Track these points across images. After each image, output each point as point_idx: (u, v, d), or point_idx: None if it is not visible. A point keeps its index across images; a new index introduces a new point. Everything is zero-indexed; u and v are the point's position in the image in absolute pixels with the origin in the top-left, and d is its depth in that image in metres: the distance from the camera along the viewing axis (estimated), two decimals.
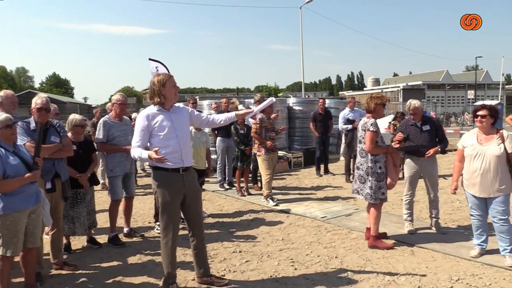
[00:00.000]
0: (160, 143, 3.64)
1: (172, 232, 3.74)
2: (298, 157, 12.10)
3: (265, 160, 7.34)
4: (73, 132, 5.07)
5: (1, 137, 3.59)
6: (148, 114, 3.70)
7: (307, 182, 9.75)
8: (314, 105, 13.86)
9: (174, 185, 3.71)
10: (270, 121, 7.55)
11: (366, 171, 5.03)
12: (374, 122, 5.00)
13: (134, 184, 5.95)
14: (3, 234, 3.56)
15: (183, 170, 3.74)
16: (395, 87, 58.65)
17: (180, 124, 3.77)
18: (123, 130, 5.50)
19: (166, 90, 3.70)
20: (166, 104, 3.74)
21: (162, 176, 3.71)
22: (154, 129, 3.67)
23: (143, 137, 3.68)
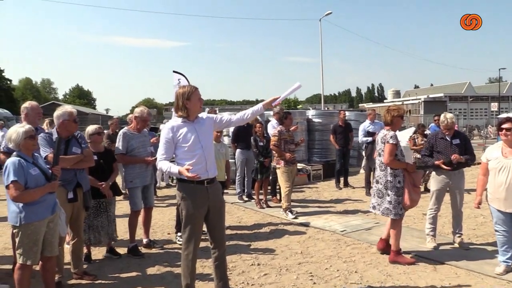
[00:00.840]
0: (185, 154, 3.65)
1: (193, 244, 3.73)
2: (317, 170, 12.03)
3: (284, 173, 7.32)
4: (92, 142, 5.15)
5: (22, 147, 3.67)
6: (172, 126, 3.71)
7: (326, 195, 9.67)
8: (334, 117, 13.81)
9: (198, 197, 3.70)
10: (289, 133, 7.54)
11: (385, 185, 4.95)
12: (394, 135, 4.93)
13: (153, 195, 5.99)
14: (24, 243, 3.62)
15: (207, 182, 3.73)
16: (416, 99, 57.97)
17: (205, 135, 3.77)
18: (142, 141, 5.56)
19: (190, 103, 3.70)
20: (191, 116, 3.74)
21: (187, 188, 3.70)
22: (179, 140, 3.67)
23: (168, 149, 3.69)
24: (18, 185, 3.50)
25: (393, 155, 4.86)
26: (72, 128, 4.47)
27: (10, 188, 3.50)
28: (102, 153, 5.22)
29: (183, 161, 3.64)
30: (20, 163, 3.57)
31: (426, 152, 5.66)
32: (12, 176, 3.50)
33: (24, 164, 3.59)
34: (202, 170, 3.66)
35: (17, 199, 3.52)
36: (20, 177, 3.52)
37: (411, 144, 9.88)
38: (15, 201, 3.54)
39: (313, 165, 12.17)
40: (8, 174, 3.52)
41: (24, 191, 3.52)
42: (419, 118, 35.92)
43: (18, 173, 3.52)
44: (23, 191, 3.52)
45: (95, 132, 5.23)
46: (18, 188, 3.49)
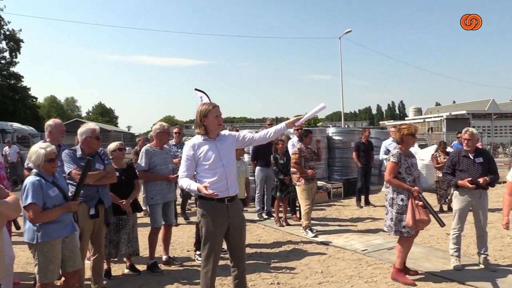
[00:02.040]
0: (206, 172, 3.66)
1: (213, 262, 3.71)
2: (337, 188, 11.93)
3: (305, 190, 7.29)
4: (114, 158, 5.22)
5: (42, 169, 3.68)
6: (194, 144, 3.73)
7: (347, 213, 9.56)
8: (354, 135, 13.74)
9: (219, 215, 3.68)
10: (308, 150, 7.54)
11: (389, 202, 5.01)
12: (397, 153, 4.97)
13: (173, 212, 6.02)
14: (40, 261, 3.60)
15: (228, 200, 3.72)
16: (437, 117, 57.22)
17: (226, 153, 3.77)
18: (164, 158, 5.62)
19: (208, 120, 3.72)
20: (210, 134, 3.76)
21: (207, 206, 3.70)
22: (200, 158, 3.69)
23: (189, 167, 3.71)
24: (35, 207, 3.49)
25: (393, 173, 4.92)
26: (94, 145, 4.55)
27: (27, 209, 3.50)
28: (124, 170, 5.28)
29: (204, 178, 3.65)
30: (39, 183, 3.56)
31: (448, 170, 5.57)
32: (30, 199, 3.48)
33: (43, 184, 3.59)
34: (222, 188, 3.65)
35: (34, 221, 3.53)
36: (38, 199, 3.51)
37: (434, 162, 9.73)
38: (32, 222, 3.56)
39: (333, 183, 12.08)
40: (26, 196, 3.52)
41: (41, 212, 3.52)
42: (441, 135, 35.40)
43: (36, 195, 3.51)
44: (40, 213, 3.52)
45: (117, 149, 5.32)
46: (35, 210, 3.49)
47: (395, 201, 4.92)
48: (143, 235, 6.68)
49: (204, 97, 12.07)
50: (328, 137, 13.66)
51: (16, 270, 5.41)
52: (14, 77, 42.66)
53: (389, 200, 4.99)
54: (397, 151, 5.00)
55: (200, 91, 12.29)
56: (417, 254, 5.89)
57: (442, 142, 10.18)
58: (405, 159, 4.96)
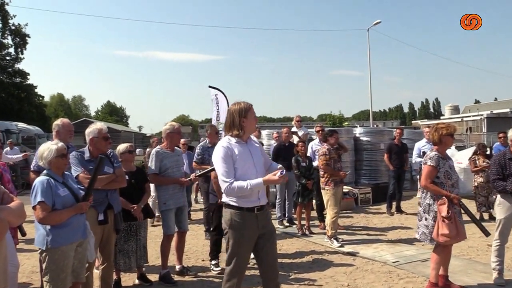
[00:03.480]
0: (240, 177, 3.60)
1: (238, 278, 3.66)
2: (365, 193, 11.83)
3: (333, 196, 7.28)
4: (123, 161, 5.27)
5: (53, 165, 3.76)
6: (228, 146, 3.65)
7: (376, 221, 9.48)
8: (384, 135, 13.63)
9: (248, 226, 3.64)
10: (335, 151, 7.51)
11: (424, 208, 4.95)
12: (435, 156, 4.90)
13: (187, 218, 6.06)
14: (51, 269, 3.64)
15: (258, 209, 3.67)
16: (477, 116, 56.25)
17: (258, 158, 3.76)
18: (176, 160, 5.66)
19: (247, 121, 3.68)
20: (245, 137, 3.74)
21: (235, 216, 3.65)
22: (235, 162, 3.63)
23: (231, 169, 3.59)
24: (45, 206, 3.56)
25: (430, 178, 4.85)
26: (101, 146, 4.59)
27: (36, 209, 3.57)
28: (133, 173, 5.34)
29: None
30: (48, 183, 3.64)
31: (497, 175, 5.32)
32: (40, 197, 3.56)
33: (52, 184, 3.66)
34: (254, 197, 3.64)
35: (43, 221, 3.58)
36: (47, 198, 3.58)
37: (472, 166, 9.56)
38: (41, 222, 3.60)
39: (361, 188, 11.99)
40: (35, 195, 3.60)
41: (50, 212, 3.58)
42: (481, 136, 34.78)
43: (45, 193, 3.58)
44: (50, 213, 3.57)
45: (126, 151, 5.37)
46: (44, 209, 3.55)
47: (432, 208, 4.86)
48: (155, 243, 6.73)
49: (220, 95, 12.14)
50: (355, 138, 13.58)
51: (21, 279, 5.52)
52: (20, 75, 43.51)
53: (425, 206, 4.94)
54: (434, 154, 4.93)
55: (215, 89, 12.37)
56: (454, 267, 5.79)
57: (481, 144, 9.98)
58: (443, 162, 4.89)
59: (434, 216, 4.82)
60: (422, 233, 4.98)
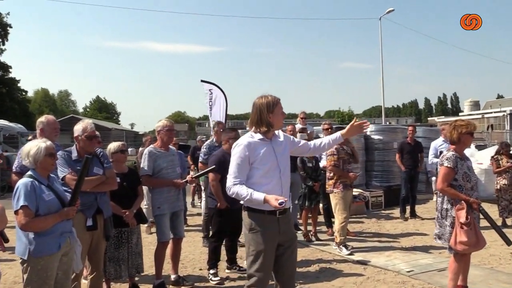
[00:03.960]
0: (261, 179, 3.63)
1: (263, 284, 3.65)
2: (377, 197, 11.83)
3: (342, 199, 7.27)
4: (114, 161, 5.27)
5: (41, 165, 3.72)
6: (249, 143, 3.67)
7: (388, 227, 9.49)
8: (397, 133, 13.60)
9: (269, 230, 3.66)
10: (345, 151, 7.51)
11: (441, 213, 4.94)
12: (452, 156, 4.87)
13: (183, 223, 6.07)
14: (32, 281, 3.58)
15: (280, 212, 3.68)
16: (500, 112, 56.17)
17: (283, 157, 3.77)
18: (170, 160, 5.66)
19: (274, 117, 3.70)
20: (270, 133, 3.74)
21: (256, 219, 3.67)
22: (255, 161, 3.65)
23: (242, 170, 3.65)
24: (28, 211, 3.50)
25: (447, 181, 4.83)
26: (85, 145, 4.58)
27: (19, 214, 3.50)
28: (125, 174, 5.34)
29: (256, 186, 3.62)
30: (32, 185, 3.59)
31: None
32: (22, 201, 3.49)
33: (37, 186, 3.61)
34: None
35: (26, 227, 3.52)
36: (31, 202, 3.51)
37: (494, 166, 9.55)
38: (23, 229, 3.54)
39: (372, 191, 12.00)
40: (18, 198, 3.53)
41: (34, 218, 3.52)
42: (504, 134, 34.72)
43: (29, 197, 3.52)
44: (33, 219, 3.52)
45: (118, 150, 5.37)
46: (27, 214, 3.49)
47: (450, 213, 4.84)
48: (149, 251, 6.74)
49: (215, 90, 12.11)
50: (366, 136, 13.56)
51: None
52: (1, 68, 43.59)
53: (442, 211, 4.93)
54: (452, 154, 4.90)
55: (209, 83, 12.34)
56: (474, 277, 5.78)
57: (504, 143, 9.96)
58: (461, 163, 4.87)
59: (452, 222, 4.80)
60: (436, 235, 5.01)
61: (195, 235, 8.96)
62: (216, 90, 12.07)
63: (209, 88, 12.21)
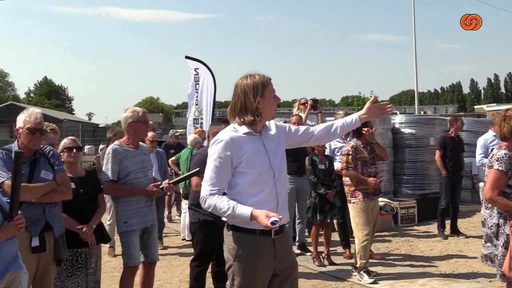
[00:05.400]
0: (249, 186, 3.55)
1: None
2: (408, 208, 11.85)
3: (363, 212, 7.28)
4: (67, 162, 5.24)
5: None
6: (232, 138, 3.54)
7: (423, 247, 9.53)
8: (435, 126, 13.63)
9: (262, 257, 3.58)
10: (367, 149, 7.52)
11: (492, 230, 4.92)
12: (504, 157, 4.82)
13: (157, 243, 6.06)
14: None
15: (276, 232, 3.58)
16: None
17: (277, 156, 3.68)
18: (141, 161, 5.66)
19: (264, 102, 3.59)
20: (259, 124, 3.64)
21: (243, 242, 3.57)
22: (241, 163, 3.54)
23: (222, 176, 3.53)
24: None
25: (498, 188, 4.80)
26: (29, 141, 4.54)
27: None
28: (82, 179, 5.31)
29: (242, 197, 3.52)
30: None
31: None
32: None
33: None
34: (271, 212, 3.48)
35: None
36: None
37: None
38: None
39: (402, 201, 12.03)
40: None
41: None
42: None
43: None
44: None
45: (71, 147, 5.34)
46: None
47: (502, 230, 4.81)
48: (112, 279, 6.75)
49: (202, 68, 12.11)
50: (394, 129, 13.63)
51: None
52: None
53: (492, 226, 4.90)
54: (504, 153, 4.86)
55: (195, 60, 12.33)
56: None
57: None
58: None
59: (506, 241, 4.77)
60: (484, 256, 5.00)
61: (173, 258, 8.98)
62: (203, 70, 12.06)
63: (194, 66, 12.20)
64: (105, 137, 11.97)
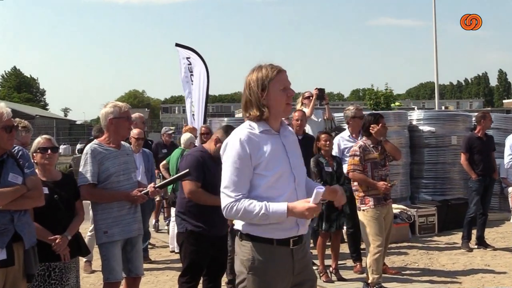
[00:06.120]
0: (268, 190, 3.55)
1: None
2: (428, 216, 11.84)
3: (375, 220, 7.28)
4: (40, 164, 5.24)
5: None
6: (248, 138, 3.56)
7: (444, 260, 9.53)
8: (458, 123, 13.60)
9: (279, 269, 3.60)
10: (378, 149, 7.52)
11: None
12: None
13: (141, 257, 6.06)
14: None
15: (294, 241, 3.63)
16: None
17: (297, 159, 3.74)
18: (124, 163, 5.67)
19: (269, 97, 3.61)
20: (274, 121, 3.68)
21: (260, 252, 3.57)
22: (260, 164, 3.55)
23: (246, 179, 3.55)
24: None
25: None
26: (5, 141, 4.54)
27: None
28: (57, 184, 5.30)
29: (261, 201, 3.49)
30: None
31: None
32: None
33: None
34: (290, 221, 3.53)
35: None
36: None
37: None
38: None
39: (421, 208, 12.03)
40: None
41: None
42: None
43: None
44: None
45: (46, 147, 5.33)
46: None
47: None
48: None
49: (194, 57, 12.10)
50: (411, 127, 13.63)
51: None
52: None
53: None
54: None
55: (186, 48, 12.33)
56: None
57: None
58: None
59: None
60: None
61: (160, 273, 8.98)
62: (195, 59, 12.05)
63: (186, 55, 12.20)
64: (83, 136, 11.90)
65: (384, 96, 38.43)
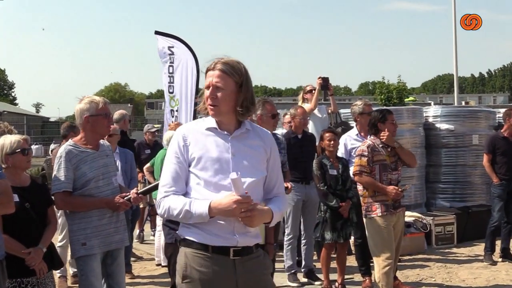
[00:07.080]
0: (202, 192, 3.58)
1: None
2: (446, 225, 11.85)
3: (383, 229, 7.30)
4: (10, 167, 5.24)
5: None
6: (187, 131, 3.71)
7: (464, 274, 9.54)
8: (479, 120, 13.58)
9: (216, 280, 3.57)
10: (388, 150, 7.51)
11: None
12: None
13: (124, 271, 6.07)
14: None
15: (235, 252, 3.60)
16: None
17: (248, 164, 3.67)
18: (103, 166, 5.67)
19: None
20: (221, 117, 3.67)
21: (195, 259, 3.59)
22: (192, 162, 3.62)
23: (180, 175, 3.64)
24: None
25: None
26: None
27: None
28: (27, 190, 5.31)
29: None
30: None
31: None
32: None
33: None
34: (227, 229, 3.54)
35: None
36: None
37: None
38: None
39: (438, 215, 12.03)
40: None
41: None
42: None
43: None
44: None
45: (15, 149, 5.33)
46: None
47: None
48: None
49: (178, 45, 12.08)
50: (427, 124, 13.66)
51: None
52: None
53: None
54: None
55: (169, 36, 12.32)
56: None
57: None
58: None
59: None
60: None
61: None
62: (180, 47, 12.03)
63: (168, 44, 12.19)
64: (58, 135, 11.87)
65: (397, 90, 38.31)
